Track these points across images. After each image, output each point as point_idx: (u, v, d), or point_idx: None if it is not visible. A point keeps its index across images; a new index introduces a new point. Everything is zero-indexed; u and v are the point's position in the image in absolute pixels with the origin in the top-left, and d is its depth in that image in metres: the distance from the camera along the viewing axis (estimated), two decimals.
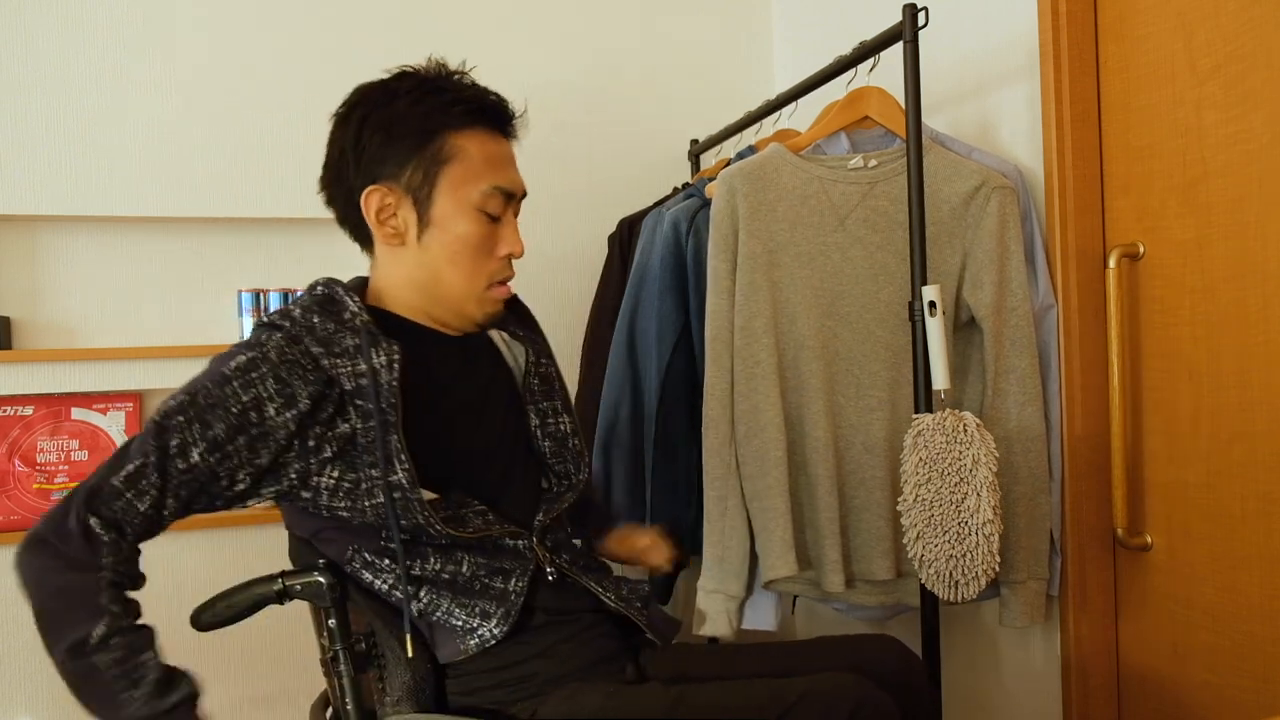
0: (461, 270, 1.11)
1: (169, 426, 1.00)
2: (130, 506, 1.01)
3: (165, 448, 1.00)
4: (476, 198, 1.10)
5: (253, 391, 1.01)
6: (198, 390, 1.02)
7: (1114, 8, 1.48)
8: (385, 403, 1.04)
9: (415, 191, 1.09)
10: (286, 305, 1.10)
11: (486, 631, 1.09)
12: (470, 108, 1.11)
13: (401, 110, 1.08)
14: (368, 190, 1.09)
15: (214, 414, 1.01)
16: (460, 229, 1.10)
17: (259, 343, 1.03)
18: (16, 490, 1.91)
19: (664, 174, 2.36)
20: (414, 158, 1.08)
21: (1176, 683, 1.42)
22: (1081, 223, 1.50)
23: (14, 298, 1.97)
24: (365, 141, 1.09)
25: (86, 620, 1.00)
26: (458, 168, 1.09)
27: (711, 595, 1.58)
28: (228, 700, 2.03)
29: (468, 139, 1.10)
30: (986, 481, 1.33)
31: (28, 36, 1.94)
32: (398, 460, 1.04)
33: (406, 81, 1.11)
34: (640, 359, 1.81)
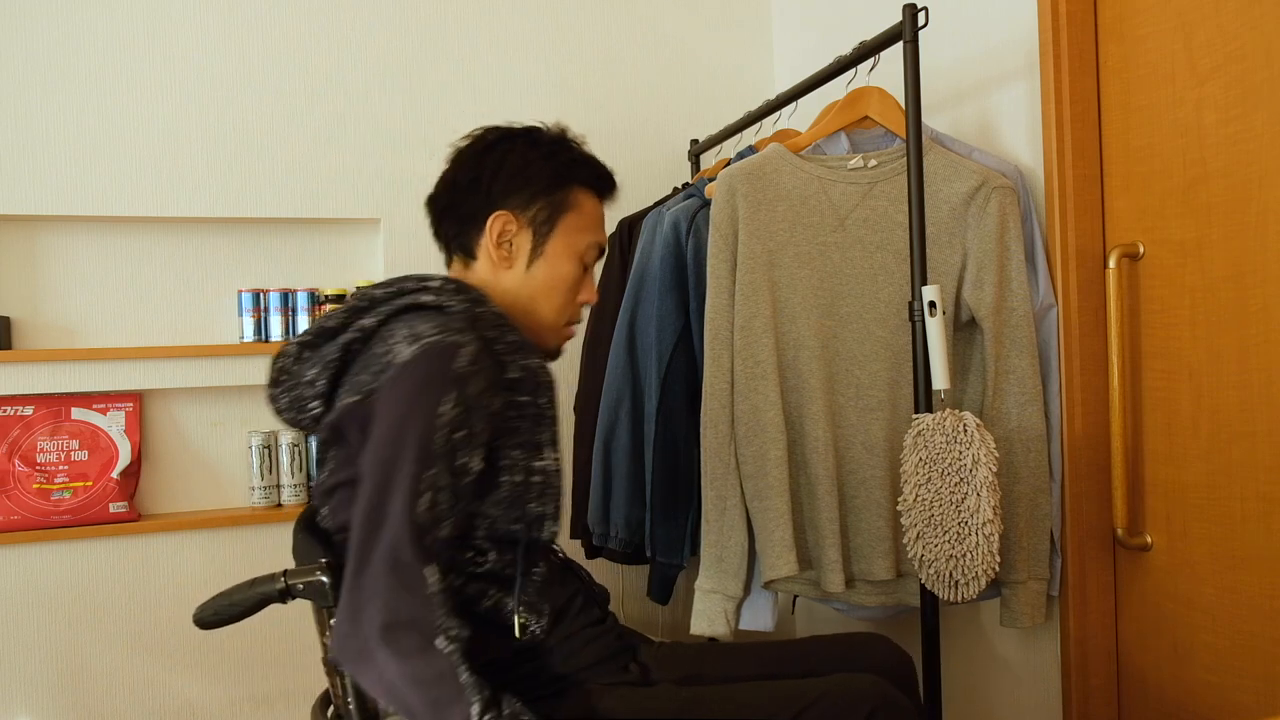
0: (554, 304, 1.24)
1: (451, 448, 1.02)
2: (437, 541, 1.02)
3: (454, 469, 1.02)
4: (583, 247, 1.25)
5: (487, 379, 1.06)
6: (447, 401, 1.01)
7: (1114, 8, 1.48)
8: (544, 398, 1.16)
9: (537, 226, 1.22)
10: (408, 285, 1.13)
11: (537, 627, 1.13)
12: (594, 172, 1.27)
13: (541, 154, 1.23)
14: (496, 213, 1.20)
15: (476, 419, 1.04)
16: (564, 268, 1.23)
17: (464, 329, 1.07)
18: (16, 490, 1.91)
19: (664, 174, 2.36)
20: (543, 198, 1.22)
21: (1176, 683, 1.42)
22: (1081, 223, 1.50)
23: (14, 298, 1.97)
24: (505, 169, 1.21)
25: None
26: (575, 217, 1.24)
27: (710, 595, 1.58)
28: (227, 700, 2.04)
29: (585, 196, 1.26)
30: (986, 481, 1.33)
31: (28, 36, 1.94)
32: (550, 449, 1.16)
33: (543, 134, 1.26)
34: (640, 359, 1.81)
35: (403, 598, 0.96)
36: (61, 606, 1.94)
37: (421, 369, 1.03)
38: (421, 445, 1.00)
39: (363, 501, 1.01)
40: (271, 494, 2.09)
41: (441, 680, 0.94)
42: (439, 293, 1.12)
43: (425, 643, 0.95)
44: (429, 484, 0.99)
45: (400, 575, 0.96)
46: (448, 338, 1.04)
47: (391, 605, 0.95)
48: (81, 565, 1.96)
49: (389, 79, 2.18)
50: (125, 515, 1.96)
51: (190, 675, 2.01)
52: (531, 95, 2.29)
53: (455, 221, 1.25)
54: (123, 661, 1.97)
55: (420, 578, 0.97)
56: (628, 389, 1.82)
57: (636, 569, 2.20)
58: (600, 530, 1.85)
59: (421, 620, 0.96)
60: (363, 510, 1.00)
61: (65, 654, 1.94)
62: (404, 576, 0.96)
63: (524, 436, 1.12)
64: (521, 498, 1.12)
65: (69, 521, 1.92)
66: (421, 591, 0.97)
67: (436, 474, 1.00)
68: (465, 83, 2.23)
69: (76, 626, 1.95)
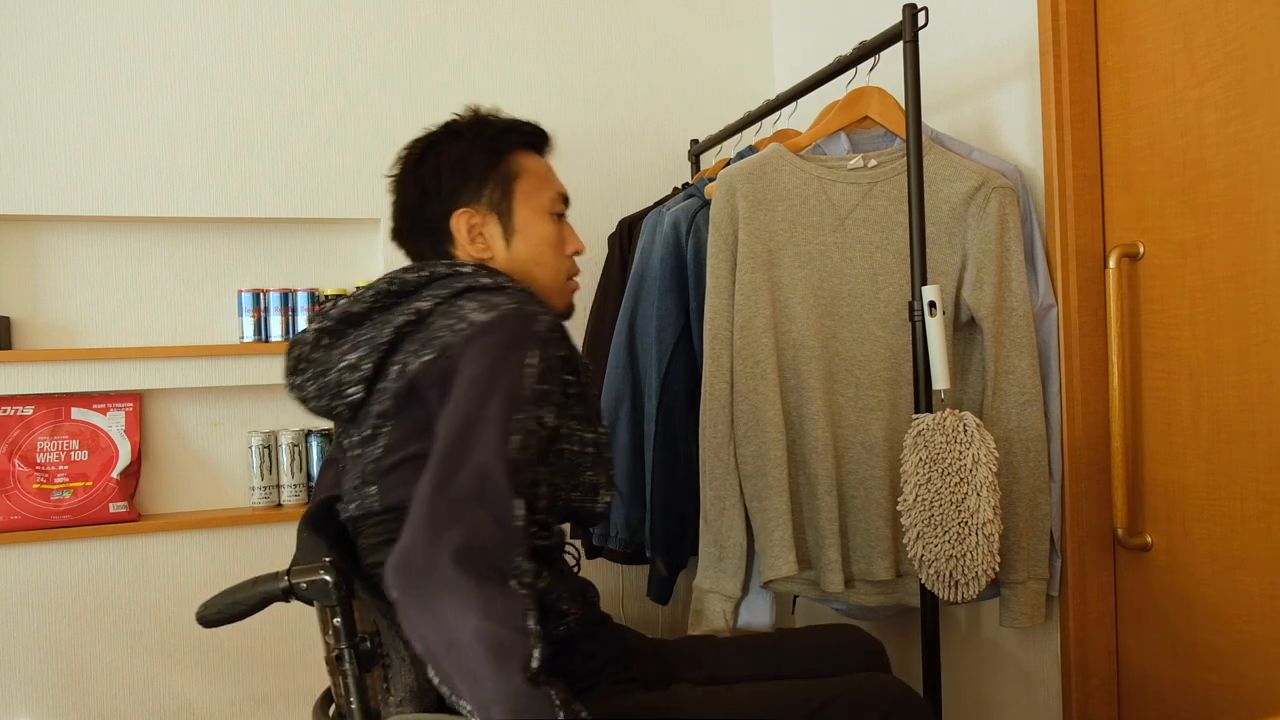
0: (547, 268, 1.25)
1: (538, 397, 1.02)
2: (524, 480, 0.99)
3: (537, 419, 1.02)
4: (547, 203, 1.25)
5: (559, 349, 1.08)
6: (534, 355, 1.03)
7: (1114, 8, 1.48)
8: (585, 373, 1.18)
9: (498, 207, 1.22)
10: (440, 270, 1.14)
11: (572, 618, 1.13)
12: (521, 133, 1.26)
13: (467, 145, 1.23)
14: (456, 215, 1.20)
15: (553, 379, 1.06)
16: (540, 231, 1.24)
17: (538, 306, 1.10)
18: (16, 490, 1.91)
19: (664, 174, 2.36)
20: (490, 179, 1.22)
21: (1176, 683, 1.42)
22: (1081, 223, 1.50)
23: (14, 298, 1.97)
24: (445, 174, 1.22)
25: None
26: (527, 181, 1.24)
27: (709, 594, 1.58)
28: (227, 700, 2.04)
29: (525, 158, 1.25)
30: (986, 481, 1.33)
31: (28, 36, 1.94)
32: (597, 421, 1.18)
33: (459, 124, 1.25)
34: (640, 359, 1.81)
35: (487, 526, 0.91)
36: (61, 606, 1.94)
37: (507, 328, 1.04)
38: (512, 389, 1.00)
39: (442, 441, 0.97)
40: (271, 494, 2.09)
41: (509, 619, 0.88)
42: (478, 275, 1.14)
43: (502, 576, 0.90)
44: (519, 426, 0.98)
45: (488, 502, 0.92)
46: (525, 306, 1.07)
47: (474, 530, 0.90)
48: (81, 565, 1.96)
49: (389, 79, 2.18)
50: (125, 515, 1.96)
51: (190, 675, 2.01)
52: (531, 95, 2.29)
53: (423, 239, 1.24)
54: (123, 661, 1.97)
55: (510, 507, 0.93)
56: (628, 389, 1.82)
57: (636, 569, 2.20)
58: (600, 530, 1.85)
59: (502, 554, 0.91)
60: (445, 442, 0.96)
61: (65, 654, 1.93)
62: (492, 504, 0.92)
63: (577, 410, 1.14)
64: (579, 466, 1.14)
65: (69, 521, 1.92)
66: (508, 523, 0.92)
67: (525, 418, 1.00)
68: (465, 83, 2.23)
69: (76, 626, 1.94)
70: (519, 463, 0.97)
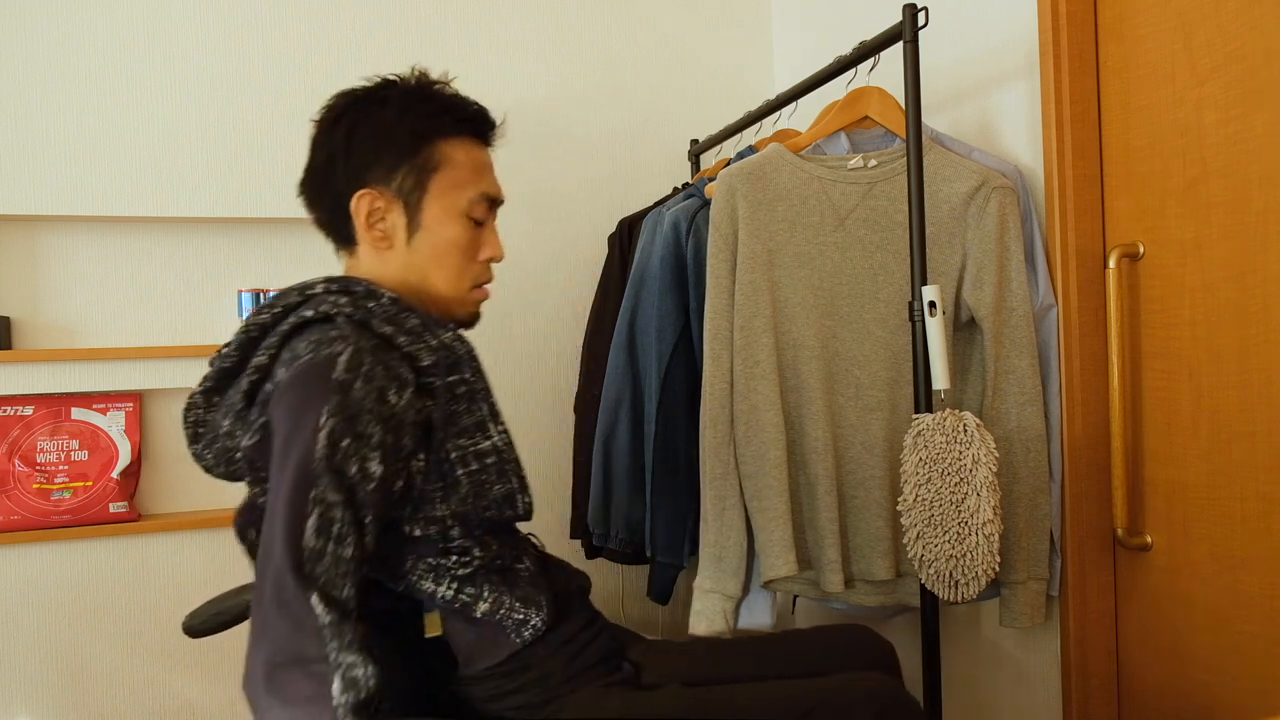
0: (449, 272, 1.14)
1: (336, 460, 0.92)
2: (338, 560, 0.91)
3: (345, 480, 0.93)
4: (464, 204, 1.13)
5: (374, 382, 0.97)
6: (326, 415, 0.93)
7: (1114, 8, 1.48)
8: (471, 372, 1.09)
9: (406, 196, 1.11)
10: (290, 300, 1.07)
11: (539, 620, 1.10)
12: (457, 117, 1.14)
13: (392, 117, 1.11)
14: (359, 194, 1.10)
15: (362, 422, 0.95)
16: (449, 233, 1.13)
17: (341, 337, 0.99)
18: (16, 490, 1.91)
19: (664, 174, 2.36)
20: (405, 164, 1.11)
21: (1176, 683, 1.42)
22: (1081, 223, 1.50)
23: (14, 298, 1.97)
24: (356, 145, 1.11)
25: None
26: (447, 175, 1.12)
27: (709, 595, 1.58)
28: (228, 700, 2.03)
29: (455, 147, 1.14)
30: (986, 481, 1.33)
31: (28, 36, 1.94)
32: (493, 424, 1.09)
33: (394, 90, 1.13)
34: (640, 359, 1.81)
35: (289, 634, 0.87)
36: (61, 606, 1.94)
37: (298, 390, 0.96)
38: (301, 465, 0.92)
39: (260, 540, 0.93)
40: None
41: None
42: (322, 300, 1.04)
43: (315, 688, 0.85)
44: (315, 502, 0.91)
45: (286, 610, 0.87)
46: (320, 352, 0.97)
47: (278, 643, 0.87)
48: (81, 565, 1.96)
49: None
50: (125, 515, 1.96)
51: (190, 675, 2.01)
52: (531, 95, 2.29)
53: (323, 210, 1.15)
54: (123, 661, 1.97)
55: (308, 608, 0.87)
56: (628, 389, 1.82)
57: (636, 569, 2.20)
58: (600, 530, 1.85)
59: (309, 659, 0.86)
60: (262, 543, 0.93)
61: (65, 654, 1.94)
62: (290, 611, 0.87)
63: (465, 420, 1.07)
64: (483, 485, 1.07)
65: (69, 521, 1.92)
66: (313, 624, 0.86)
67: (322, 490, 0.91)
68: (465, 83, 2.22)
69: (76, 626, 1.95)
70: (314, 551, 0.89)
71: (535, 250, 2.29)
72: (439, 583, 1.07)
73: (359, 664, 0.87)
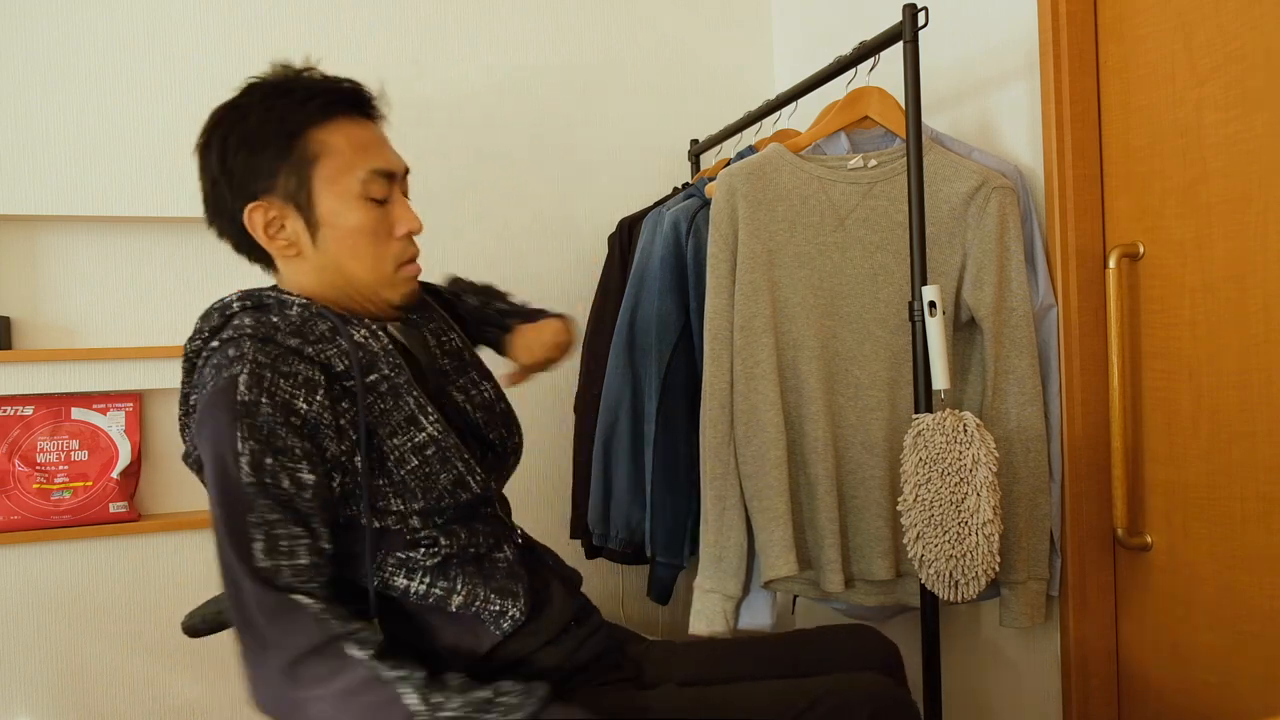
0: (364, 260, 1.10)
1: (265, 482, 0.95)
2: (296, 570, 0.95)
3: (280, 496, 0.95)
4: (357, 187, 1.08)
5: (278, 395, 0.97)
6: (241, 440, 0.95)
7: (1114, 8, 1.48)
8: (389, 367, 1.06)
9: (295, 198, 1.07)
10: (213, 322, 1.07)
11: (516, 610, 1.09)
12: (324, 100, 1.08)
13: (256, 122, 1.06)
14: (249, 209, 1.07)
15: (279, 437, 0.96)
16: (351, 221, 1.08)
17: (239, 356, 0.99)
18: (16, 490, 1.91)
19: (664, 174, 2.36)
20: (283, 165, 1.06)
21: (1176, 683, 1.42)
22: (1081, 223, 1.50)
23: (14, 298, 1.97)
24: (231, 162, 1.07)
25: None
26: (329, 163, 1.07)
27: (709, 595, 1.58)
28: (228, 700, 2.03)
29: (330, 132, 1.08)
30: (986, 481, 1.33)
31: (28, 36, 1.94)
32: (424, 416, 1.06)
33: (255, 93, 1.09)
34: (640, 359, 1.81)
35: (292, 632, 0.91)
36: (61, 606, 1.94)
37: (208, 420, 0.97)
38: (231, 493, 0.94)
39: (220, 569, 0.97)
40: None
41: (368, 686, 0.90)
42: (232, 317, 1.05)
43: (337, 659, 0.91)
44: (255, 525, 0.94)
45: (277, 616, 0.92)
46: (221, 376, 0.98)
47: (286, 644, 0.91)
48: (81, 565, 1.96)
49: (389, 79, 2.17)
50: (125, 515, 1.96)
51: (190, 675, 2.01)
52: (532, 95, 2.29)
53: (229, 236, 1.13)
54: (123, 661, 1.97)
55: (295, 606, 0.92)
56: (628, 389, 1.82)
57: (636, 569, 2.20)
58: (600, 530, 1.85)
59: (322, 640, 0.91)
60: (221, 575, 0.96)
61: (65, 654, 1.94)
62: (281, 615, 0.92)
63: (395, 417, 1.05)
64: (429, 477, 1.05)
65: (69, 521, 1.92)
66: (306, 615, 0.92)
67: (260, 513, 0.94)
68: (465, 82, 2.23)
69: (76, 626, 1.94)
70: (271, 568, 0.93)
71: (535, 250, 2.29)
72: (410, 577, 1.06)
73: (362, 627, 0.94)
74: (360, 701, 0.90)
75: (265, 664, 0.92)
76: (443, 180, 2.19)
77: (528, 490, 2.24)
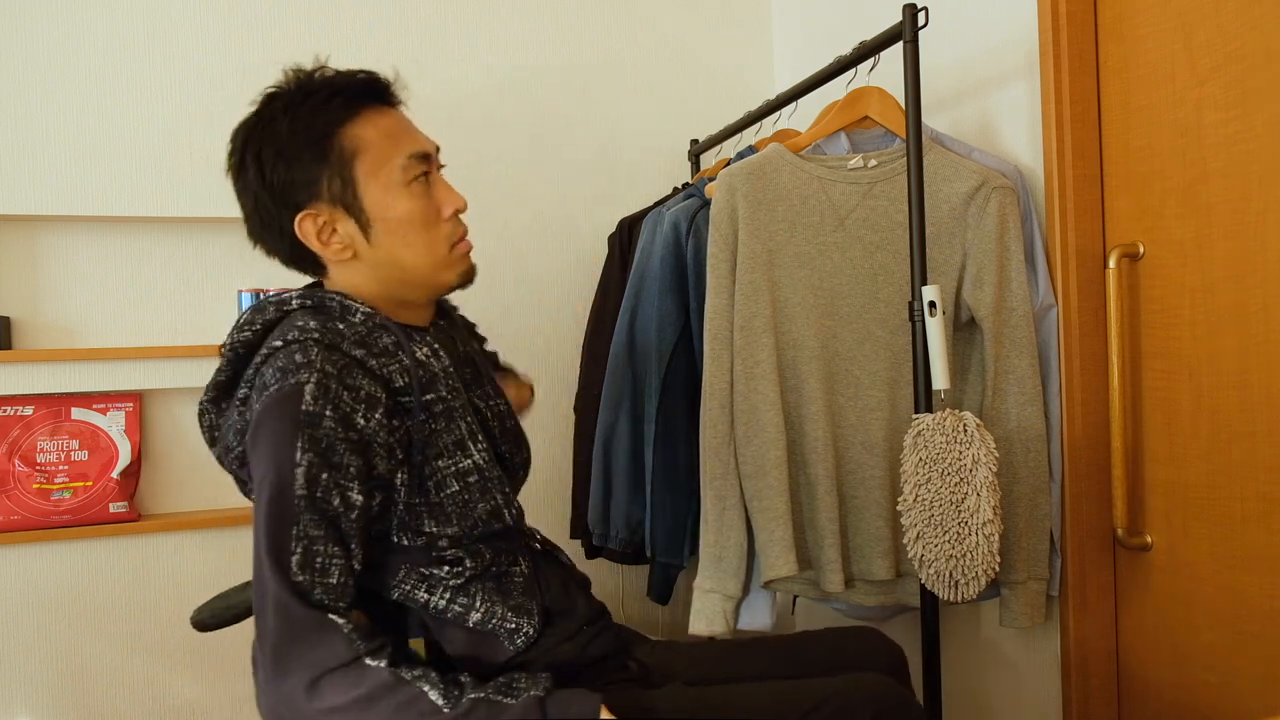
0: (418, 247, 1.09)
1: (316, 496, 0.94)
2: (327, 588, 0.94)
3: (327, 514, 0.95)
4: (399, 174, 1.07)
5: (341, 409, 0.97)
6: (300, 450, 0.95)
7: (1114, 8, 1.48)
8: (448, 390, 1.07)
9: (341, 199, 1.06)
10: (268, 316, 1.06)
11: (530, 628, 1.10)
12: (347, 96, 1.07)
13: (286, 131, 1.05)
14: (299, 220, 1.07)
15: (336, 452, 0.96)
16: (399, 211, 1.07)
17: (307, 363, 0.98)
18: (16, 490, 1.91)
19: (664, 174, 2.36)
20: (323, 169, 1.05)
21: (1176, 683, 1.42)
22: (1081, 223, 1.50)
23: (14, 298, 1.97)
24: (270, 176, 1.06)
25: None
26: (367, 157, 1.06)
27: (709, 595, 1.58)
28: (228, 700, 2.03)
29: (361, 126, 1.07)
30: (986, 481, 1.33)
31: (28, 36, 1.94)
32: (474, 443, 1.07)
33: (276, 102, 1.08)
34: (640, 359, 1.81)
35: (320, 647, 0.91)
36: (61, 606, 1.94)
37: (269, 424, 0.96)
38: (280, 500, 0.94)
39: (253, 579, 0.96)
40: None
41: (390, 688, 0.90)
42: (291, 325, 1.03)
43: (358, 672, 0.91)
44: (298, 539, 0.93)
45: (307, 632, 0.91)
46: (288, 381, 0.97)
47: (311, 660, 0.90)
48: (81, 565, 1.96)
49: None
50: (125, 515, 1.96)
51: (190, 675, 2.01)
52: (532, 95, 2.29)
53: (280, 252, 1.12)
54: (123, 661, 1.97)
55: (326, 624, 0.92)
56: (628, 389, 1.82)
57: (636, 569, 2.20)
58: (600, 530, 1.85)
59: (345, 658, 0.91)
60: (254, 579, 0.95)
61: (65, 654, 1.94)
62: (311, 631, 0.91)
63: (445, 439, 1.06)
64: (467, 504, 1.06)
65: (69, 521, 1.92)
66: (338, 635, 0.92)
67: (303, 527, 0.93)
68: (465, 82, 2.23)
69: (76, 626, 1.94)
70: (307, 583, 0.92)
71: (535, 250, 2.29)
72: (432, 592, 1.07)
73: (380, 640, 0.94)
74: (383, 705, 0.90)
75: (285, 676, 0.91)
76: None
77: (528, 490, 2.21)
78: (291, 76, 1.09)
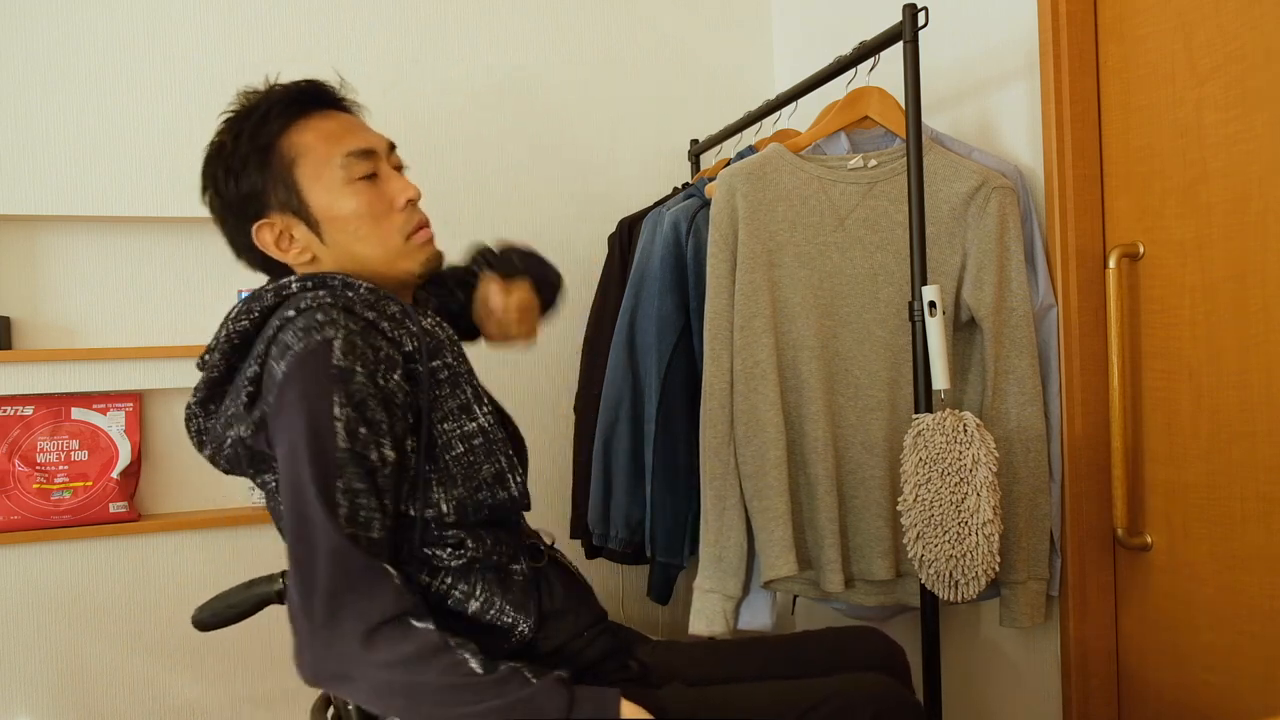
0: (370, 240, 1.11)
1: (357, 451, 0.96)
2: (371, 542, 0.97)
3: (368, 467, 0.97)
4: (339, 173, 1.09)
5: (368, 365, 0.99)
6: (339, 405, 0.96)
7: (1114, 8, 1.48)
8: (453, 356, 1.09)
9: (289, 205, 1.09)
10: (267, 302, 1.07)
11: (525, 627, 1.10)
12: (284, 106, 1.11)
13: (232, 149, 1.09)
14: (255, 231, 1.10)
15: (369, 408, 0.98)
16: (345, 208, 1.10)
17: (330, 321, 0.99)
18: (16, 490, 1.91)
19: (664, 174, 2.36)
20: (268, 180, 1.09)
21: (1176, 683, 1.42)
22: (1081, 223, 1.50)
23: (14, 298, 1.97)
24: (227, 194, 1.10)
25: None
26: (307, 161, 1.09)
27: (709, 595, 1.58)
28: (228, 700, 2.04)
29: (299, 132, 1.10)
30: (986, 481, 1.33)
31: (28, 36, 1.94)
32: (479, 405, 1.09)
33: (227, 125, 1.12)
34: (640, 359, 1.81)
35: (376, 597, 0.93)
36: (61, 606, 1.94)
37: (300, 381, 0.97)
38: (325, 458, 0.95)
39: (289, 530, 0.97)
40: None
41: (440, 651, 0.93)
42: (300, 297, 1.04)
43: (407, 628, 0.94)
44: (344, 492, 0.95)
45: (363, 581, 0.93)
46: (313, 338, 0.98)
47: (366, 610, 0.93)
48: (81, 565, 1.96)
49: (389, 79, 2.18)
50: (125, 515, 1.96)
51: (190, 675, 2.01)
52: (532, 95, 2.29)
53: (256, 265, 1.15)
54: (123, 661, 1.97)
55: (382, 572, 0.95)
56: (628, 389, 1.82)
57: (636, 569, 2.20)
58: (600, 530, 1.85)
59: (399, 611, 0.94)
60: (292, 536, 0.96)
61: (65, 654, 1.94)
62: (366, 580, 0.94)
63: (450, 404, 1.08)
64: (472, 465, 1.08)
65: (69, 521, 1.92)
66: (391, 584, 0.94)
67: (347, 480, 0.96)
68: (465, 82, 2.23)
69: (76, 626, 1.94)
70: (354, 537, 0.95)
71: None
72: (433, 576, 1.08)
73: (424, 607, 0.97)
74: (433, 666, 0.92)
75: (338, 625, 0.93)
76: (442, 180, 2.19)
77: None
78: (241, 95, 1.14)
